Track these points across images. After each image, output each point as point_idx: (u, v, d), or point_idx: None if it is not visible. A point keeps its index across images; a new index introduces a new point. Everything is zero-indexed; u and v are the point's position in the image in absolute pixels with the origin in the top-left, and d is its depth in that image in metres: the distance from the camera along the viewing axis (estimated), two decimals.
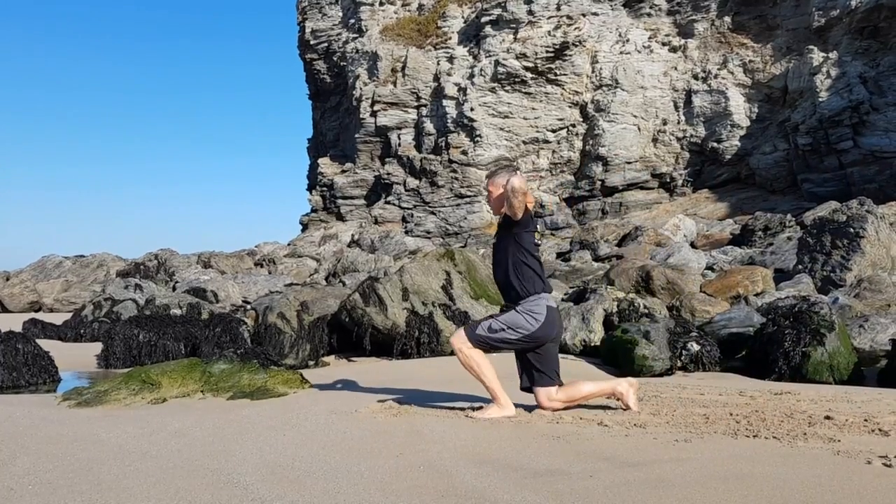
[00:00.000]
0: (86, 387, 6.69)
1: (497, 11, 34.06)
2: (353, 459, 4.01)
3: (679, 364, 8.52)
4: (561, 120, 33.78)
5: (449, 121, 33.52)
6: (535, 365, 5.05)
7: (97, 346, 10.64)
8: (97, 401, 6.11)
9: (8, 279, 26.48)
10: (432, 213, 33.13)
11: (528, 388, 5.21)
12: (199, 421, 5.16)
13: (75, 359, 10.34)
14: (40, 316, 18.39)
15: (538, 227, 4.94)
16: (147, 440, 4.50)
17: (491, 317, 5.19)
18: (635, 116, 33.19)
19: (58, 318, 16.20)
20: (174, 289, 20.64)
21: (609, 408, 5.54)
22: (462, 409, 5.46)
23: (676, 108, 33.15)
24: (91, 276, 27.69)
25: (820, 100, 28.41)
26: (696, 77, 32.89)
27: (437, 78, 34.49)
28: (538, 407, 5.13)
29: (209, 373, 6.68)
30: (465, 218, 32.73)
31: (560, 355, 9.25)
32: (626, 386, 5.12)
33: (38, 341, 9.71)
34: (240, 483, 3.56)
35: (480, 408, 5.27)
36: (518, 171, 5.13)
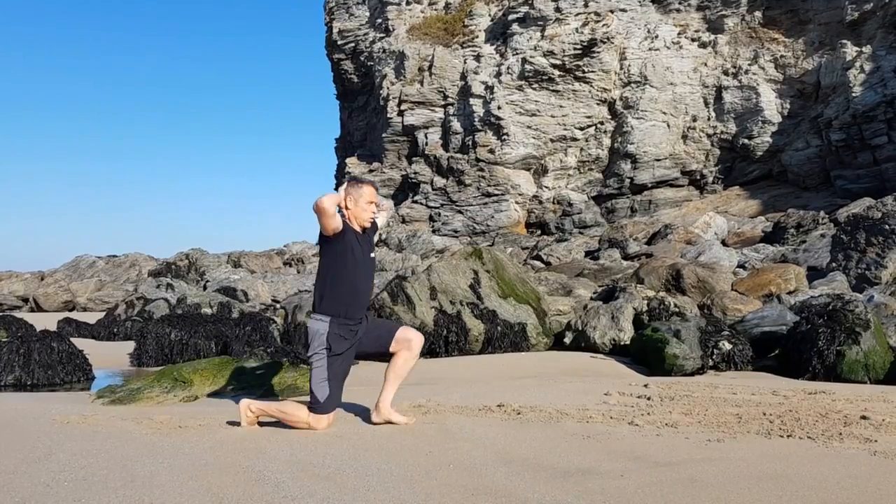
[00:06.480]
0: (119, 385, 6.78)
1: (524, 9, 33.94)
2: (383, 457, 4.01)
3: (710, 363, 8.43)
4: (589, 117, 33.58)
5: (476, 119, 33.47)
6: None
7: (130, 345, 10.78)
8: (130, 398, 6.19)
9: (42, 279, 26.97)
10: (459, 211, 33.11)
11: None
12: (230, 418, 5.20)
13: (109, 357, 10.48)
14: (74, 315, 18.70)
15: None
16: (179, 437, 4.54)
17: None
18: (664, 113, 32.88)
19: (91, 318, 16.46)
20: (205, 288, 20.85)
21: (639, 407, 5.49)
22: (491, 407, 5.45)
23: (706, 104, 32.80)
24: (123, 275, 28.13)
25: (853, 95, 27.93)
26: (726, 73, 32.50)
27: (464, 76, 34.47)
28: None
29: (240, 371, 6.75)
30: (493, 216, 32.67)
31: (589, 354, 9.17)
32: None
33: (73, 340, 9.87)
34: (271, 480, 3.58)
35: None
36: (353, 185, 4.75)
